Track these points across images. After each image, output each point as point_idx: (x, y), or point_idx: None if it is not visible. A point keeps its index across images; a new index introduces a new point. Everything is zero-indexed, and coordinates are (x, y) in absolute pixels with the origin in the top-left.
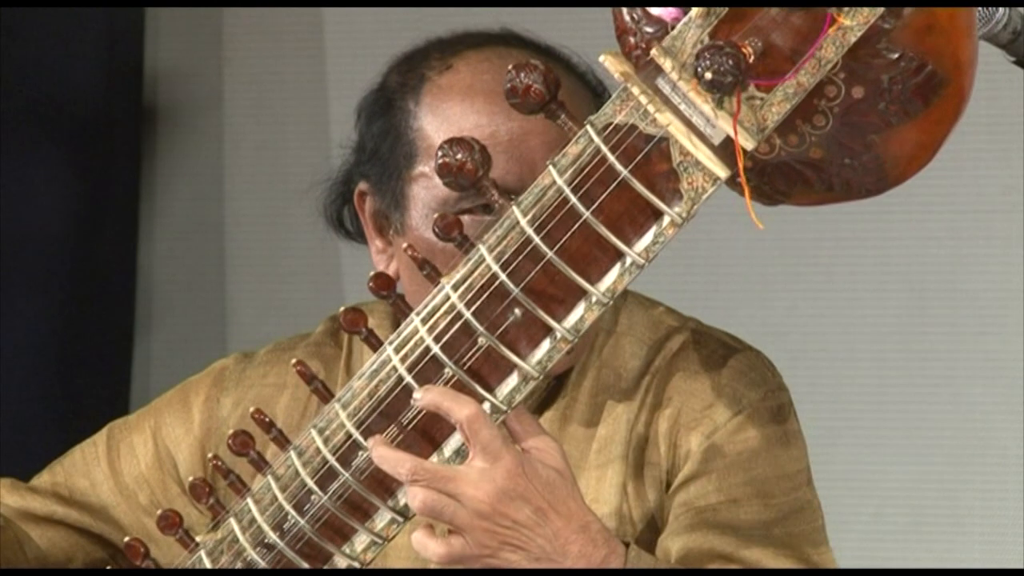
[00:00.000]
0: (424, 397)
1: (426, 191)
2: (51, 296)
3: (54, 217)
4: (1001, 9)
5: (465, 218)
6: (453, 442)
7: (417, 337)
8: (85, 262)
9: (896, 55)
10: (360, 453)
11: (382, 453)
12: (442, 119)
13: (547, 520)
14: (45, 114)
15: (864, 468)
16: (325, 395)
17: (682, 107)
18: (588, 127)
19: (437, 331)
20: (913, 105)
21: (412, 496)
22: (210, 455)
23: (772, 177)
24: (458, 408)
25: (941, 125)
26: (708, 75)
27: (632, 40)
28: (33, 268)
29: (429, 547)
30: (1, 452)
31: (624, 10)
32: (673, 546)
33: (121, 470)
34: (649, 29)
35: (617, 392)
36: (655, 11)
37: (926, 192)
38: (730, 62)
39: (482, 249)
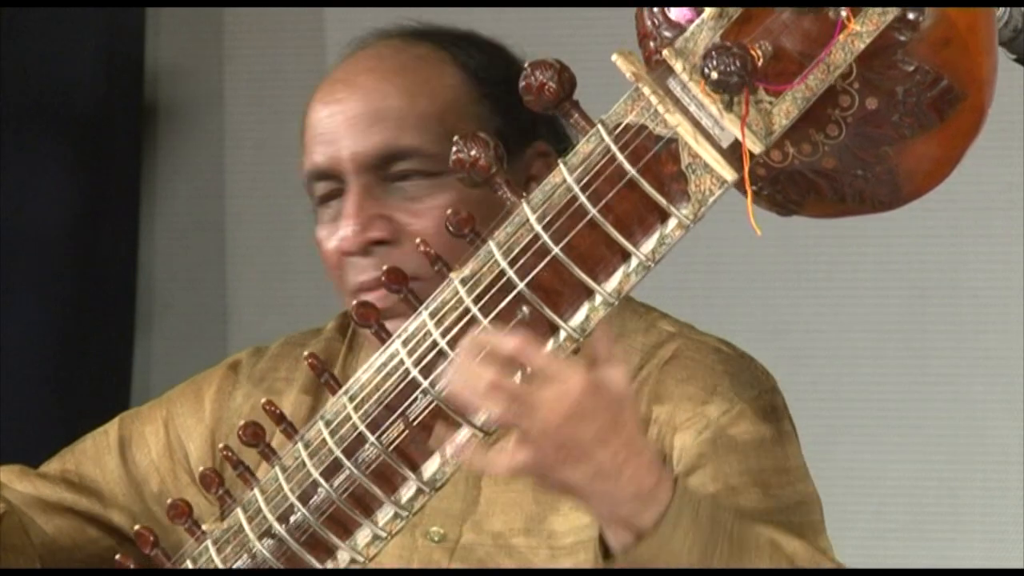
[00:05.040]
0: (477, 339)
1: (305, 183)
2: (51, 295)
3: (54, 215)
4: (1001, 7)
5: (323, 209)
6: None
7: (425, 331)
8: (85, 261)
9: (912, 67)
10: (366, 446)
11: (462, 363)
12: (305, 114)
13: (607, 441)
14: (46, 112)
15: (865, 466)
16: (335, 388)
17: (692, 108)
18: (600, 126)
19: (444, 325)
20: (928, 119)
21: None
22: (220, 445)
23: (785, 186)
24: (504, 343)
25: (957, 141)
26: (714, 75)
27: (652, 44)
28: (33, 267)
29: (494, 462)
30: (1, 451)
31: (645, 14)
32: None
33: (132, 459)
34: (668, 34)
35: None
36: (673, 15)
37: None
38: (737, 63)
39: (491, 245)
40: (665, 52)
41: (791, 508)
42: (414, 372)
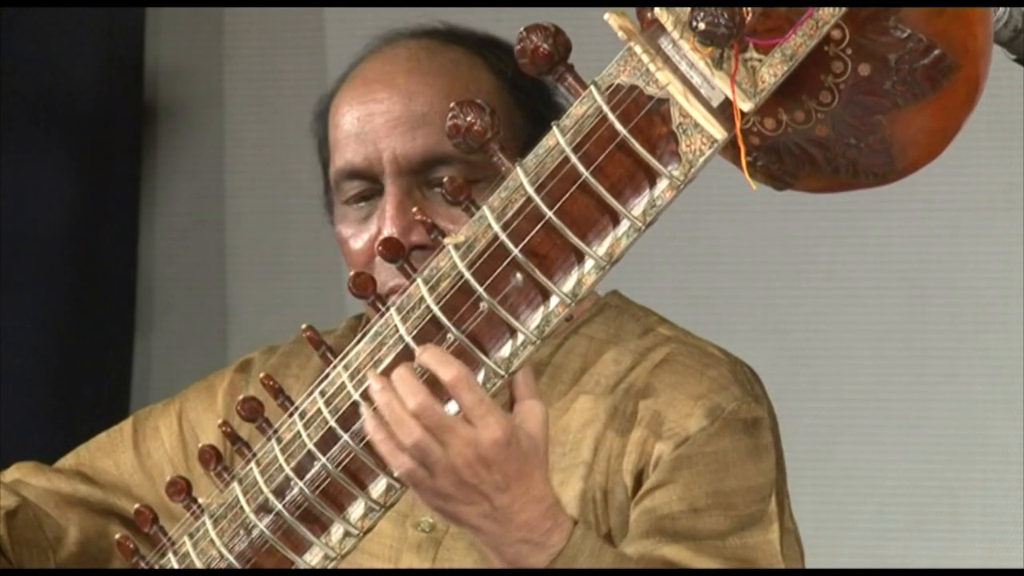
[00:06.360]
0: (419, 357)
1: (333, 180)
2: (51, 295)
3: (54, 215)
4: (1001, 7)
5: (351, 209)
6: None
7: (418, 298)
8: (85, 261)
9: (904, 34)
10: (361, 416)
11: (402, 374)
12: (332, 110)
13: (508, 488)
14: (46, 112)
15: (865, 466)
16: (331, 359)
17: (682, 66)
18: (592, 88)
19: (438, 292)
20: (920, 88)
21: (407, 431)
22: (219, 421)
23: (780, 155)
24: (444, 370)
25: (950, 113)
26: (701, 26)
27: (649, 16)
28: (33, 267)
29: (396, 456)
30: (1, 451)
31: None
32: (627, 550)
33: (146, 451)
34: None
35: (592, 398)
36: None
37: (926, 190)
38: (724, 15)
39: (485, 210)
40: (656, 9)
41: (748, 528)
42: (407, 339)
